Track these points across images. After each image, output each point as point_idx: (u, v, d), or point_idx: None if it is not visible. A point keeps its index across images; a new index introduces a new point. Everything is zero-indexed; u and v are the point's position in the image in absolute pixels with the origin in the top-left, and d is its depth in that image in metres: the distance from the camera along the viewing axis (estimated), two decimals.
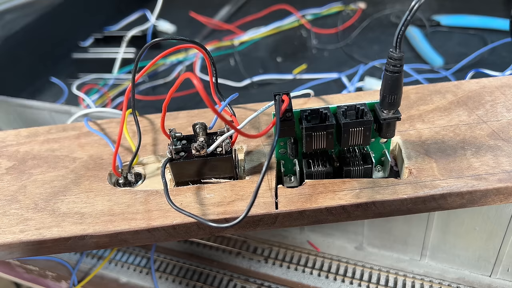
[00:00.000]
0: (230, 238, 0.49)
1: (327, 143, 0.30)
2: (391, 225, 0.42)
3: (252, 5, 0.89)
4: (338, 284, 0.43)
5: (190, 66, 0.71)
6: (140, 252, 0.49)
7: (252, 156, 0.34)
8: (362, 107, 0.29)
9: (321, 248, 0.46)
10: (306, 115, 0.30)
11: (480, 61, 0.62)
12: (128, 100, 0.35)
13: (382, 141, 0.32)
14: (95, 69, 0.72)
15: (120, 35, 0.77)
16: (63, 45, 0.79)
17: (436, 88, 0.38)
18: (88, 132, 0.39)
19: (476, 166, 0.30)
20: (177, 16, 0.88)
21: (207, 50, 0.32)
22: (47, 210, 0.32)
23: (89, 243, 0.30)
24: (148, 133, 0.39)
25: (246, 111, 0.39)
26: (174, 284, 0.45)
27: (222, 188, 0.31)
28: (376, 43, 0.72)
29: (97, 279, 0.47)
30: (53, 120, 0.52)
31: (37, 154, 0.38)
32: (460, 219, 0.39)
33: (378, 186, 0.29)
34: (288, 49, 0.74)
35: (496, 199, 0.29)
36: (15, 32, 0.70)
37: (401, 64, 0.26)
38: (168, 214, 0.30)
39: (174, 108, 0.45)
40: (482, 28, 0.70)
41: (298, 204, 0.29)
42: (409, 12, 0.24)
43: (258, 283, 0.44)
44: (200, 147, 0.30)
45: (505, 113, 0.34)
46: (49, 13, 0.76)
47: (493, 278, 0.41)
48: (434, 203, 0.29)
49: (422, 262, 0.43)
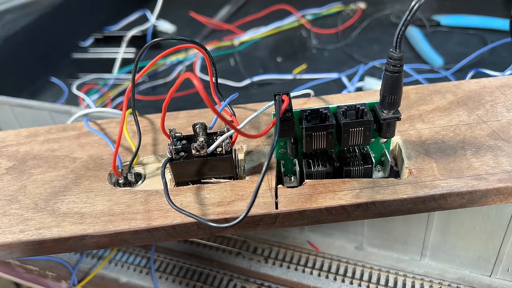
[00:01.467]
0: (230, 238, 0.49)
1: (327, 143, 0.30)
2: (391, 225, 0.42)
3: (252, 5, 0.89)
4: (338, 284, 0.43)
5: (190, 66, 0.71)
6: (140, 252, 0.49)
7: (252, 156, 0.34)
8: (362, 107, 0.29)
9: (321, 248, 0.46)
10: (306, 115, 0.30)
11: (480, 61, 0.62)
12: (128, 100, 0.35)
13: (382, 141, 0.32)
14: (95, 69, 0.72)
15: (120, 35, 0.77)
16: (63, 45, 0.79)
17: (436, 88, 0.38)
18: (88, 132, 0.39)
19: (476, 166, 0.30)
20: (177, 16, 0.88)
21: (207, 50, 0.32)
22: (47, 210, 0.32)
23: (89, 243, 0.30)
24: (148, 133, 0.39)
25: (246, 111, 0.39)
26: (174, 284, 0.45)
27: (222, 188, 0.31)
28: (376, 43, 0.72)
29: (97, 279, 0.47)
30: (53, 120, 0.52)
31: (37, 154, 0.38)
32: (460, 219, 0.39)
33: (378, 186, 0.29)
34: (288, 49, 0.74)
35: (496, 199, 0.29)
36: (15, 32, 0.70)
37: (401, 64, 0.26)
38: (168, 214, 0.30)
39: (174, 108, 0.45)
40: (482, 28, 0.70)
41: (298, 204, 0.29)
42: (409, 12, 0.24)
43: (258, 283, 0.44)
44: (200, 147, 0.30)
45: (505, 113, 0.34)
46: (49, 13, 0.76)
47: (493, 278, 0.41)
48: (434, 203, 0.29)
49: (422, 262, 0.43)
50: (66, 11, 0.80)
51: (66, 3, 0.80)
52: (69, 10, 0.81)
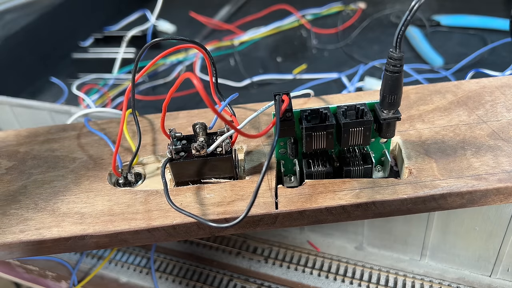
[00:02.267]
0: (230, 238, 0.49)
1: (327, 143, 0.30)
2: (391, 225, 0.42)
3: (252, 5, 0.89)
4: (338, 284, 0.43)
5: (190, 66, 0.71)
6: (140, 252, 0.49)
7: (252, 156, 0.34)
8: (362, 107, 0.29)
9: (321, 248, 0.46)
10: (306, 115, 0.30)
11: (480, 61, 0.62)
12: (128, 100, 0.35)
13: (382, 141, 0.32)
14: (95, 69, 0.72)
15: (120, 35, 0.77)
16: (63, 45, 0.79)
17: (436, 88, 0.38)
18: (88, 132, 0.39)
19: (476, 166, 0.30)
20: (177, 16, 0.88)
21: (207, 50, 0.32)
22: (47, 210, 0.32)
23: (89, 243, 0.30)
24: (148, 133, 0.39)
25: (246, 111, 0.39)
26: (174, 284, 0.45)
27: (222, 188, 0.31)
28: (376, 43, 0.72)
29: (97, 279, 0.47)
30: (53, 120, 0.52)
31: (37, 154, 0.38)
32: (460, 219, 0.39)
33: (378, 186, 0.29)
34: (288, 49, 0.74)
35: (496, 199, 0.29)
36: (15, 32, 0.70)
37: (401, 64, 0.26)
38: (168, 214, 0.30)
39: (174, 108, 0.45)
40: (482, 28, 0.70)
41: (298, 204, 0.29)
42: (409, 12, 0.24)
43: (258, 283, 0.44)
44: (200, 147, 0.30)
45: (505, 113, 0.34)
46: (49, 13, 0.76)
47: (493, 278, 0.41)
48: (434, 203, 0.29)
49: (422, 262, 0.43)
50: (66, 11, 0.80)
51: (66, 3, 0.80)
52: (69, 10, 0.81)
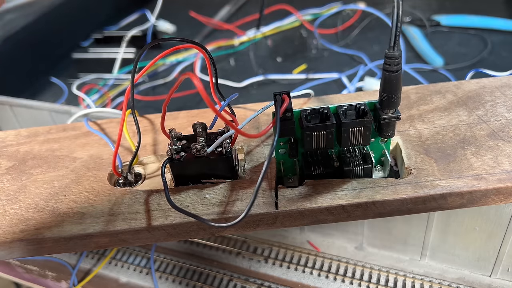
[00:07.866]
0: (230, 238, 0.49)
1: (327, 143, 0.30)
2: (391, 225, 0.42)
3: (252, 5, 0.89)
4: (338, 284, 0.43)
5: (190, 66, 0.71)
6: (140, 252, 0.49)
7: (252, 156, 0.34)
8: (362, 107, 0.29)
9: (321, 248, 0.46)
10: (306, 115, 0.30)
11: (480, 61, 0.62)
12: (128, 100, 0.35)
13: (382, 141, 0.32)
14: (95, 69, 0.72)
15: (120, 35, 0.77)
16: (63, 45, 0.79)
17: (436, 88, 0.38)
18: (88, 132, 0.39)
19: (476, 166, 0.30)
20: (177, 16, 0.88)
21: (207, 50, 0.32)
22: (47, 210, 0.32)
23: (89, 243, 0.30)
24: (148, 133, 0.38)
25: (246, 111, 0.39)
26: (174, 284, 0.45)
27: (222, 188, 0.31)
28: (376, 43, 0.72)
29: (97, 279, 0.47)
30: (53, 120, 0.52)
31: (37, 154, 0.38)
32: (460, 219, 0.39)
33: (378, 186, 0.29)
34: (288, 49, 0.74)
35: (496, 199, 0.29)
36: (15, 32, 0.70)
37: (398, 63, 0.26)
38: (168, 214, 0.30)
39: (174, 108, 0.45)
40: (482, 28, 0.70)
41: (298, 204, 0.29)
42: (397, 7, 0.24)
43: (258, 283, 0.44)
44: (200, 147, 0.30)
45: (505, 113, 0.34)
46: (49, 13, 0.76)
47: (493, 278, 0.41)
48: (434, 203, 0.29)
49: (422, 262, 0.43)
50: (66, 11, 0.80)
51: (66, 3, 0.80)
52: (69, 10, 0.81)
